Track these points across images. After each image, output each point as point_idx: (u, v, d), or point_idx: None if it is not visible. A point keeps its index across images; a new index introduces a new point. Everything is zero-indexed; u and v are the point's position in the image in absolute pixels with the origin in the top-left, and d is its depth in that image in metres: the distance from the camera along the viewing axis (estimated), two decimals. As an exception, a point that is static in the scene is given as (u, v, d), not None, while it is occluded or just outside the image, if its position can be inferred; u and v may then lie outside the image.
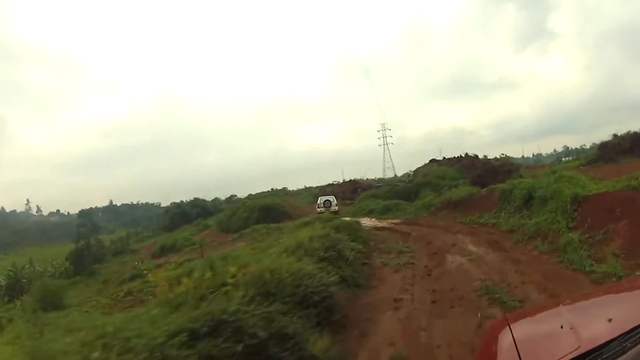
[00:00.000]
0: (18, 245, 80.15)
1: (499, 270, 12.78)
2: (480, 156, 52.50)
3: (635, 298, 2.61)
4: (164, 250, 46.77)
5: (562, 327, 2.28)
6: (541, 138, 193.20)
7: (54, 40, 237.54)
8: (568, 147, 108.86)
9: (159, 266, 30.28)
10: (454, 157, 54.99)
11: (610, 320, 2.11)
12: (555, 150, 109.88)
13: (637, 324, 1.87)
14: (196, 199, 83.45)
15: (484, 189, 28.84)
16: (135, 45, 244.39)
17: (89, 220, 79.54)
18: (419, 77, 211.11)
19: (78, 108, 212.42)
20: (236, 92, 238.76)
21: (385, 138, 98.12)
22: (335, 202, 45.48)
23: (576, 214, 15.09)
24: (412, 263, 15.50)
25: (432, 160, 56.20)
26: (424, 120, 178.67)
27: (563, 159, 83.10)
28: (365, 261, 15.66)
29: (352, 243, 15.84)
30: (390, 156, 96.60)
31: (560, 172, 21.38)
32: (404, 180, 55.16)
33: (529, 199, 19.72)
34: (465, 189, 32.98)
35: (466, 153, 54.33)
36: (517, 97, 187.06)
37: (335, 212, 39.23)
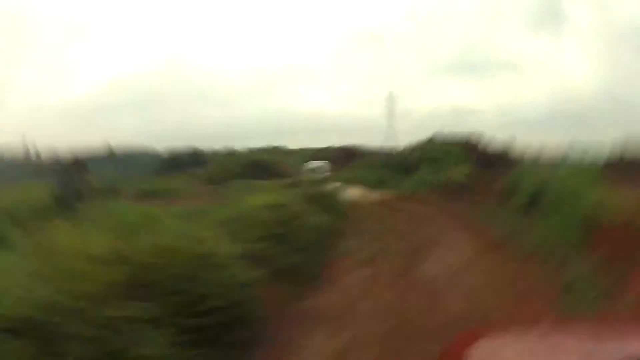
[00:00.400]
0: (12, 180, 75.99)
1: (484, 295, 9.60)
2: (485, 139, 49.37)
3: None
4: (145, 194, 40.87)
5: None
6: (547, 127, 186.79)
7: None
8: (575, 139, 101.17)
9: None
10: (459, 135, 51.63)
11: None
12: (561, 141, 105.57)
13: None
14: (192, 148, 76.90)
15: (488, 175, 26.09)
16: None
17: (78, 162, 76.92)
18: (427, 51, 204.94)
19: (83, 55, 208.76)
20: (242, 51, 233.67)
21: (390, 107, 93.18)
22: (326, 168, 42.55)
23: (593, 231, 11.41)
24: (387, 248, 12.58)
25: (436, 135, 52.83)
26: (430, 95, 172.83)
27: (570, 151, 78.62)
28: (330, 243, 12.61)
29: (321, 218, 12.84)
30: (393, 126, 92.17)
31: (580, 168, 17.92)
32: (404, 153, 51.98)
33: (537, 197, 16.30)
34: (467, 171, 30.28)
35: (472, 132, 50.99)
36: (526, 81, 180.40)
37: (325, 179, 35.55)
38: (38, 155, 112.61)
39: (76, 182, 39.25)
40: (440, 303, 8.88)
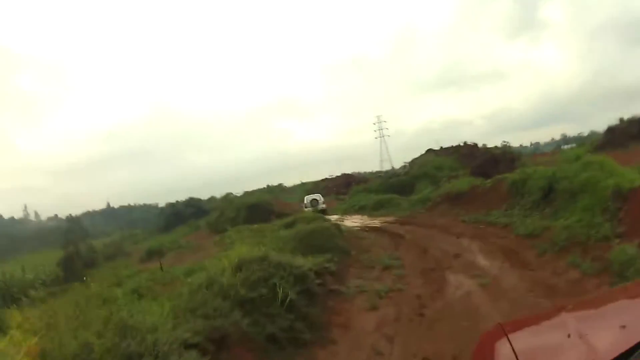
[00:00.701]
0: (16, 252, 74.72)
1: (529, 307, 8.02)
2: (479, 146, 47.97)
3: None
4: (151, 254, 42.51)
5: (569, 336, 1.93)
6: (537, 127, 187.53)
7: (46, 47, 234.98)
8: (566, 135, 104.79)
9: (139, 272, 26.20)
10: (452, 146, 50.35)
11: (623, 327, 1.76)
12: (553, 139, 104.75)
13: None
14: (191, 199, 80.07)
15: (489, 180, 24.47)
16: (128, 49, 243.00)
17: (77, 225, 76.61)
18: (411, 69, 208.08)
19: (73, 114, 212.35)
20: (229, 92, 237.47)
21: (381, 130, 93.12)
22: (322, 200, 40.77)
23: (622, 213, 10.46)
24: (399, 289, 10.92)
25: (429, 151, 51.55)
26: (419, 112, 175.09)
27: (564, 146, 77.80)
28: (333, 287, 11.00)
29: (316, 260, 11.35)
30: (387, 148, 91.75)
31: (587, 158, 16.62)
32: (399, 173, 50.39)
33: (549, 192, 15.26)
34: (467, 180, 28.61)
35: (465, 142, 49.78)
36: (511, 87, 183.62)
37: (323, 211, 35.03)
38: (38, 219, 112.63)
39: (79, 249, 45.06)
40: (480, 325, 7.13)
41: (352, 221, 30.47)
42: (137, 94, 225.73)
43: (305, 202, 41.71)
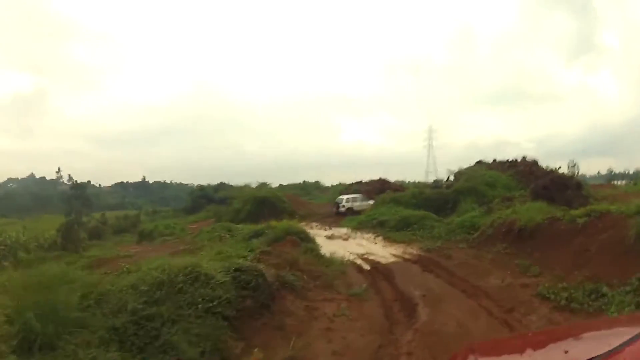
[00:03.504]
0: (36, 212, 70.98)
1: None
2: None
3: (593, 335, 2.29)
4: (142, 236, 38.23)
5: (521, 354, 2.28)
6: (584, 158, 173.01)
7: (103, 20, 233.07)
8: (612, 170, 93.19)
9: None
10: (507, 160, 38.11)
11: (566, 352, 1.92)
12: (599, 172, 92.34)
13: (590, 356, 1.61)
14: (221, 184, 74.05)
15: (580, 213, 13.84)
16: (185, 27, 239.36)
17: (81, 193, 76.15)
18: (467, 81, 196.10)
19: (122, 85, 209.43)
20: (283, 81, 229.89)
21: (430, 140, 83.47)
22: (362, 200, 37.57)
23: None
24: None
25: (479, 163, 39.19)
26: (468, 128, 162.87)
27: (614, 181, 66.87)
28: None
29: None
30: (434, 160, 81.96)
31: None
32: (439, 184, 38.56)
33: None
34: (537, 206, 17.33)
35: (523, 157, 37.57)
36: (563, 111, 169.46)
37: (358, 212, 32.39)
38: (72, 183, 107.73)
39: (80, 219, 43.17)
40: None
41: (358, 244, 19.99)
42: (191, 74, 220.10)
43: (339, 201, 38.14)
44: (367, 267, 14.70)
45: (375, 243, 20.23)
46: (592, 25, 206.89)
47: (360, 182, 58.58)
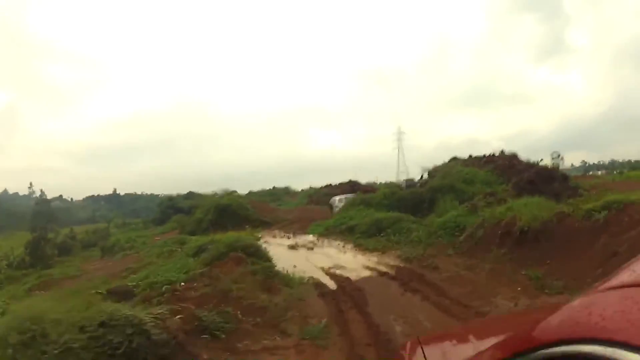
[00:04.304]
0: (8, 229, 66.62)
1: None
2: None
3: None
4: (105, 251, 35.39)
5: (465, 342, 2.46)
6: (554, 152, 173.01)
7: (70, 37, 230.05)
8: (586, 162, 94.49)
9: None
10: (485, 155, 34.77)
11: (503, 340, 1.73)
12: (572, 165, 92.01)
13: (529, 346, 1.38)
14: (190, 193, 70.48)
15: (595, 206, 11.10)
16: (154, 45, 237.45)
17: (46, 208, 73.72)
18: (434, 85, 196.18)
19: (91, 101, 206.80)
20: (252, 92, 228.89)
21: (399, 142, 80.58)
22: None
23: None
24: None
25: (454, 159, 35.76)
26: (437, 129, 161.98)
27: (593, 172, 66.26)
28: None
29: None
30: (404, 161, 79.06)
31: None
32: (412, 184, 34.81)
33: None
34: (537, 203, 14.03)
35: (502, 151, 34.40)
36: (531, 110, 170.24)
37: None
38: (42, 198, 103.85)
39: (45, 235, 37.42)
40: None
41: (325, 253, 16.96)
42: (164, 86, 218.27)
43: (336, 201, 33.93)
44: (333, 286, 11.27)
45: (345, 252, 16.83)
46: (560, 26, 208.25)
47: (330, 185, 56.11)
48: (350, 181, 51.65)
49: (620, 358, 0.92)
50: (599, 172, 60.15)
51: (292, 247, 19.03)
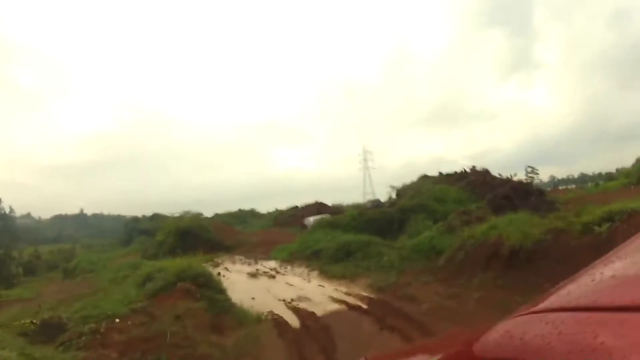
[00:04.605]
0: None
1: None
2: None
3: None
4: (67, 273, 34.87)
5: None
6: (522, 169, 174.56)
7: (37, 43, 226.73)
8: (555, 177, 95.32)
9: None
10: (455, 172, 33.24)
11: None
12: (541, 181, 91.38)
13: None
14: (155, 214, 67.71)
15: (593, 219, 9.79)
16: (118, 59, 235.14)
17: (10, 226, 70.56)
18: (399, 103, 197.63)
19: (64, 115, 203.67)
20: (216, 111, 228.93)
21: (366, 162, 79.74)
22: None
23: None
24: None
25: (424, 177, 34.09)
26: (403, 148, 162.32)
27: (562, 186, 69.26)
28: None
29: None
30: (371, 181, 78.13)
31: None
32: (379, 204, 33.03)
33: None
34: (524, 219, 12.71)
35: (473, 167, 32.90)
36: (499, 127, 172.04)
37: None
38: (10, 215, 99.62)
39: (9, 254, 36.70)
40: None
41: (288, 282, 15.13)
42: (131, 103, 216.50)
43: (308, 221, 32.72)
44: (295, 323, 9.41)
45: (309, 281, 14.89)
46: (528, 41, 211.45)
47: (296, 207, 54.18)
48: (316, 202, 50.34)
49: None
50: (568, 187, 60.36)
51: (253, 275, 17.18)
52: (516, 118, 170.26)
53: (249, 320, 9.61)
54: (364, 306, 10.22)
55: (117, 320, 8.13)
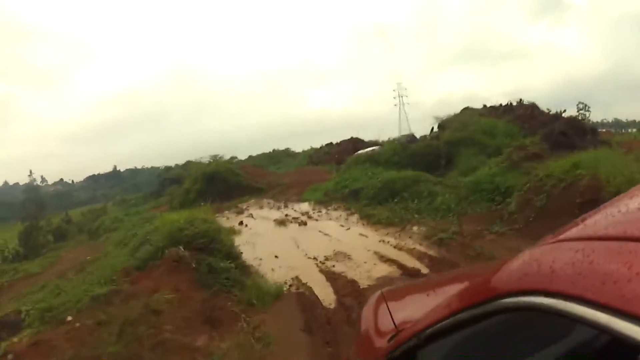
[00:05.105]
0: (12, 220, 62.32)
1: None
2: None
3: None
4: (91, 235, 32.58)
5: (428, 295, 2.42)
6: (556, 109, 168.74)
7: (59, 14, 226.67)
8: (590, 121, 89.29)
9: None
10: (501, 105, 29.61)
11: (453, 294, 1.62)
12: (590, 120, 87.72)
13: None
14: (188, 162, 62.23)
15: None
16: (142, 12, 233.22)
17: (35, 197, 70.86)
18: (432, 42, 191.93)
19: (87, 81, 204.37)
20: (247, 56, 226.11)
21: (400, 98, 75.40)
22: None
23: None
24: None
25: (467, 110, 30.50)
26: (436, 86, 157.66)
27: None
28: None
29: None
30: (406, 118, 74.07)
31: None
32: (413, 140, 29.31)
33: None
34: (618, 159, 9.88)
35: (520, 100, 28.99)
36: (533, 67, 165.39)
37: None
38: (44, 184, 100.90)
39: (37, 223, 36.30)
40: None
41: (322, 230, 12.50)
42: (155, 60, 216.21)
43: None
44: (330, 300, 6.73)
45: (348, 228, 12.26)
46: None
47: (331, 143, 51.14)
48: (352, 138, 46.65)
49: (570, 310, 0.87)
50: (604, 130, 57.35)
51: (281, 223, 14.56)
52: (549, 60, 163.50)
53: (264, 297, 6.98)
54: (424, 269, 7.51)
55: (70, 318, 6.02)
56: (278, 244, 10.87)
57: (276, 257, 9.43)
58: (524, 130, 23.21)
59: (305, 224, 13.82)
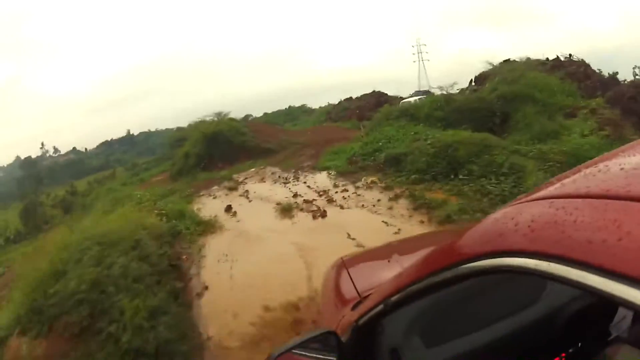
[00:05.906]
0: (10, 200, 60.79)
1: None
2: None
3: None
4: (85, 208, 27.16)
5: (388, 261, 2.39)
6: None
7: None
8: None
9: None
10: (547, 59, 24.37)
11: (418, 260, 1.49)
12: None
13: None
14: (201, 122, 58.65)
15: None
16: None
17: (33, 172, 68.51)
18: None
19: (97, 53, 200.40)
20: (264, 16, 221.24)
21: (420, 54, 70.17)
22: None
23: None
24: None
25: (507, 62, 24.80)
26: (456, 44, 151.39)
27: None
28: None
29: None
30: (425, 73, 68.98)
31: None
32: (463, 94, 23.66)
33: None
34: None
35: (569, 55, 24.43)
36: (555, 29, 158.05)
37: None
38: (57, 155, 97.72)
39: (35, 200, 35.55)
40: None
41: (352, 229, 7.38)
42: (169, 21, 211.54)
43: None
44: None
45: (398, 230, 7.17)
46: None
47: (350, 98, 44.87)
48: (374, 92, 41.11)
49: (553, 271, 0.82)
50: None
51: (285, 210, 9.64)
52: (574, 25, 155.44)
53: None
54: None
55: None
56: (273, 265, 6.46)
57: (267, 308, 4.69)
58: (580, 90, 18.91)
59: (323, 214, 8.96)
